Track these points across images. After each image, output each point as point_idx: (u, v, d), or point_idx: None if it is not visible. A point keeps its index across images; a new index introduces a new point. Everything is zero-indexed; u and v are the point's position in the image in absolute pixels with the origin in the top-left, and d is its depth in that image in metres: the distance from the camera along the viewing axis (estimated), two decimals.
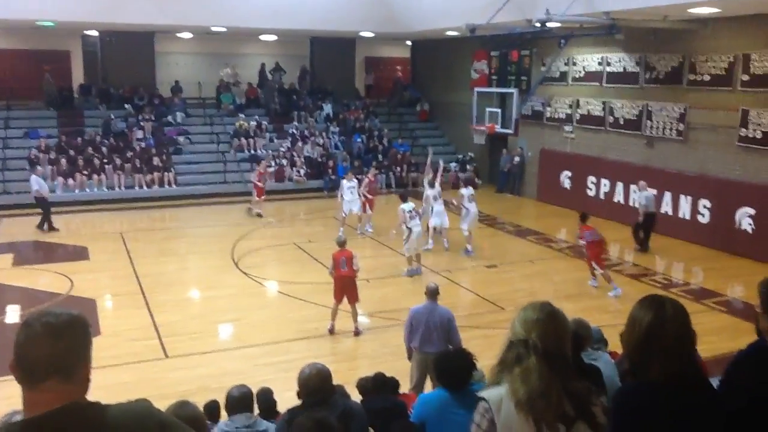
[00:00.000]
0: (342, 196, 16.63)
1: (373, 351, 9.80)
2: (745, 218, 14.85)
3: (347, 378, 6.96)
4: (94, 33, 25.58)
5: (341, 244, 10.85)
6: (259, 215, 18.50)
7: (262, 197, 18.81)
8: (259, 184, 18.85)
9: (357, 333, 10.48)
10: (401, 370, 6.70)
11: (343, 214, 16.56)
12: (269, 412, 5.60)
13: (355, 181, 17.18)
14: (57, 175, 20.28)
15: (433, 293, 7.76)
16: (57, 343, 1.88)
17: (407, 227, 13.37)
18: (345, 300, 10.47)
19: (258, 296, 12.45)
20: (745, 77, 14.79)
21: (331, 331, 10.48)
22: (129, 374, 8.89)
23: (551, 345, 2.31)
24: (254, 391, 5.36)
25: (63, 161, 20.63)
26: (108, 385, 8.02)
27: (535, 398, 2.24)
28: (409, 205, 13.56)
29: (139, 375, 8.92)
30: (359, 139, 24.87)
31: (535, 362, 2.27)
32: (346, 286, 10.51)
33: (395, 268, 14.15)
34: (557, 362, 2.30)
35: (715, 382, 2.81)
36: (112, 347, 9.58)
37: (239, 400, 4.96)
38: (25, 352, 1.88)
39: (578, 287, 12.77)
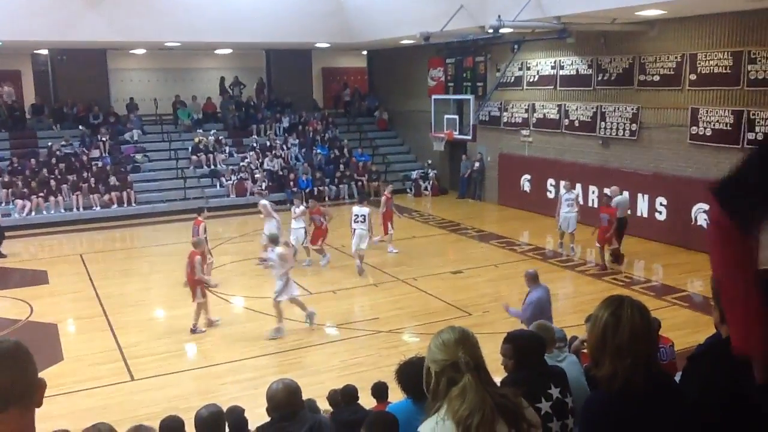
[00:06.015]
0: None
1: (341, 363, 9.78)
2: (700, 214, 15.21)
3: (317, 392, 6.95)
4: (44, 51, 25.12)
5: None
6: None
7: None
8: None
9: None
10: (370, 381, 6.69)
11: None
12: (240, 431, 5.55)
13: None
14: (12, 197, 19.83)
15: (534, 278, 8.77)
16: (4, 372, 1.78)
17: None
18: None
19: (223, 313, 12.31)
20: (693, 76, 15.19)
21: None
22: (94, 399, 8.71)
23: (477, 358, 2.38)
24: (224, 409, 5.31)
25: (20, 183, 20.20)
26: (73, 411, 7.88)
27: (474, 413, 2.25)
28: (361, 210, 14.35)
29: (104, 399, 8.74)
30: (320, 151, 24.83)
31: (471, 378, 2.30)
32: None
33: (361, 279, 14.16)
34: (483, 374, 2.36)
35: (677, 377, 2.89)
36: (75, 372, 9.41)
37: (208, 420, 4.90)
38: None
39: None
